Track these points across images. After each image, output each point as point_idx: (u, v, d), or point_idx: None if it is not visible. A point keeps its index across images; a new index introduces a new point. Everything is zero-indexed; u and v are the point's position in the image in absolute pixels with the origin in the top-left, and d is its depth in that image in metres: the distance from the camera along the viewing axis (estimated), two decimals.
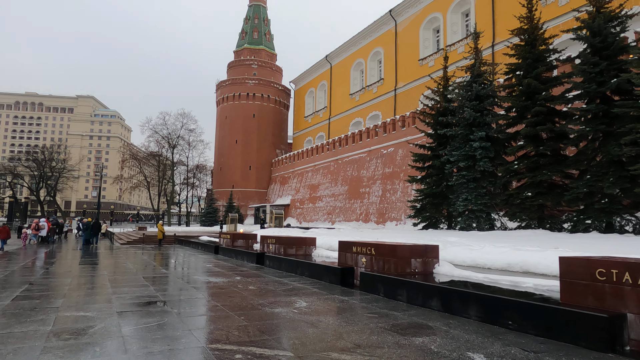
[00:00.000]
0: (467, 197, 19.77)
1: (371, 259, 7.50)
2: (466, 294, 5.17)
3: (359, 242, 8.04)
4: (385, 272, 7.02)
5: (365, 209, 38.92)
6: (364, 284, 7.20)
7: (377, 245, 7.44)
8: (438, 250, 7.39)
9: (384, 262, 7.15)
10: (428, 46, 41.46)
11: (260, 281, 8.32)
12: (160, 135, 57.86)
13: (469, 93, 20.73)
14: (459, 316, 5.18)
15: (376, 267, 7.34)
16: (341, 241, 8.52)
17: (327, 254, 10.74)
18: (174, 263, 12.86)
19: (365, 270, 7.44)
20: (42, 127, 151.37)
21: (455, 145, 21.11)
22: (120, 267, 11.12)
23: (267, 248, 12.11)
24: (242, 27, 69.21)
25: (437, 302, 5.59)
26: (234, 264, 11.86)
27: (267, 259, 11.30)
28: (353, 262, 8.03)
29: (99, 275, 9.25)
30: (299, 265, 9.46)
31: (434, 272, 7.16)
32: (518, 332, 4.37)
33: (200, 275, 9.20)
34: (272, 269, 10.65)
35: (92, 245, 21.89)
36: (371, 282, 6.99)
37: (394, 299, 6.36)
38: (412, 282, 6.08)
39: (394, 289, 6.39)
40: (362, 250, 7.75)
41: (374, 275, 6.94)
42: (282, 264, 10.34)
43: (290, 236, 11.43)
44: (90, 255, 16.15)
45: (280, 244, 11.24)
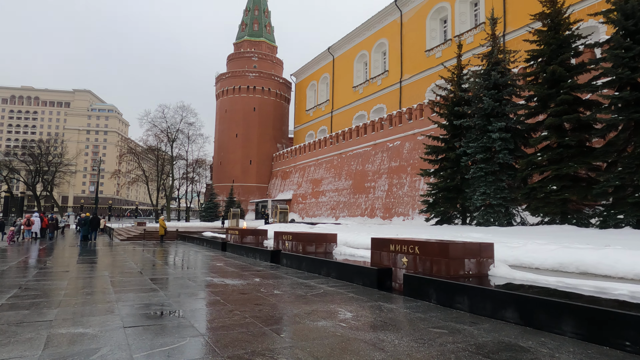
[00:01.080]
0: (485, 190, 18.79)
1: (415, 259, 6.50)
2: (557, 305, 4.17)
3: (398, 239, 7.04)
4: (434, 275, 6.03)
5: (370, 204, 37.96)
6: (408, 288, 6.20)
7: (422, 244, 6.43)
8: (493, 249, 6.39)
9: (432, 262, 6.15)
10: (435, 37, 40.33)
11: (283, 284, 7.32)
12: (159, 129, 56.67)
13: (486, 82, 19.68)
14: (546, 331, 4.19)
15: (421, 269, 6.35)
16: (375, 238, 7.52)
17: (350, 252, 9.75)
18: (180, 261, 11.84)
19: (408, 272, 6.44)
20: (38, 122, 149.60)
21: (471, 137, 20.11)
22: (123, 267, 10.10)
23: (282, 245, 11.11)
24: (241, 19, 67.90)
25: (513, 313, 4.59)
26: (246, 263, 10.85)
27: (283, 257, 10.29)
28: (390, 262, 7.03)
29: (100, 277, 8.23)
30: (323, 265, 8.45)
31: (490, 275, 6.17)
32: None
33: (213, 277, 8.19)
34: (290, 268, 9.65)
35: (90, 242, 20.85)
36: (419, 286, 5.99)
37: (450, 307, 5.37)
38: (478, 287, 5.08)
39: (451, 295, 5.40)
40: (403, 249, 6.75)
41: (422, 279, 5.94)
42: (302, 263, 9.34)
43: (309, 232, 10.43)
44: (89, 252, 15.12)
45: (298, 240, 10.23)
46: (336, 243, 10.38)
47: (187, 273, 8.89)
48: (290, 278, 8.03)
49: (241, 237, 14.25)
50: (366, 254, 9.16)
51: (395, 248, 6.93)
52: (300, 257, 9.47)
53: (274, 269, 9.52)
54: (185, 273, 8.92)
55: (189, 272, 9.00)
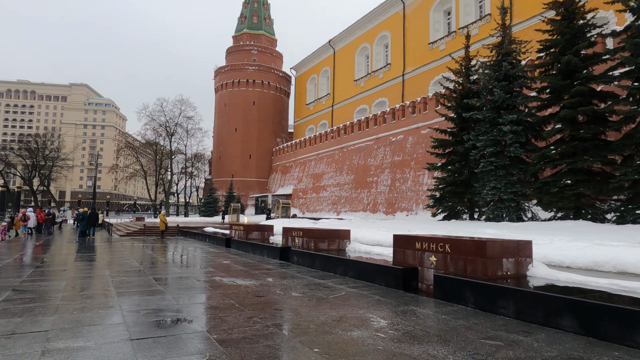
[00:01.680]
0: (495, 185, 18.26)
1: (445, 258, 5.96)
2: (631, 314, 3.63)
3: (425, 236, 6.48)
4: (468, 276, 5.49)
5: (373, 199, 37.44)
6: (440, 290, 5.66)
7: (454, 241, 5.88)
8: (532, 248, 5.84)
9: (466, 262, 5.60)
10: (439, 29, 39.64)
11: (299, 284, 6.77)
12: (158, 123, 55.97)
13: (497, 73, 19.09)
14: (616, 344, 3.65)
15: (453, 269, 5.80)
16: (399, 235, 6.97)
17: (365, 249, 9.21)
18: (184, 259, 11.28)
19: (438, 273, 5.89)
20: (34, 116, 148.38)
21: (481, 130, 19.56)
22: (124, 265, 9.53)
23: (292, 242, 10.55)
24: (241, 11, 66.96)
25: (571, 321, 4.05)
26: (254, 260, 10.29)
27: (294, 254, 9.74)
28: (416, 261, 6.48)
29: (100, 276, 7.66)
30: (340, 264, 7.90)
31: (529, 275, 5.64)
32: None
33: (222, 276, 7.63)
34: (302, 267, 9.10)
35: (88, 237, 20.26)
36: (453, 289, 5.44)
37: (492, 312, 4.83)
38: (529, 291, 4.54)
39: (493, 299, 4.86)
40: (431, 247, 6.20)
41: (458, 280, 5.39)
42: (315, 261, 8.79)
43: (320, 228, 9.88)
44: (88, 248, 14.54)
45: (309, 237, 9.68)
46: (349, 240, 9.83)
47: (193, 272, 8.33)
48: (304, 278, 7.48)
49: (246, 233, 13.69)
50: (383, 252, 8.63)
51: (422, 246, 6.38)
52: (312, 255, 8.92)
53: (285, 267, 8.98)
54: (191, 272, 8.36)
55: (194, 271, 8.44)
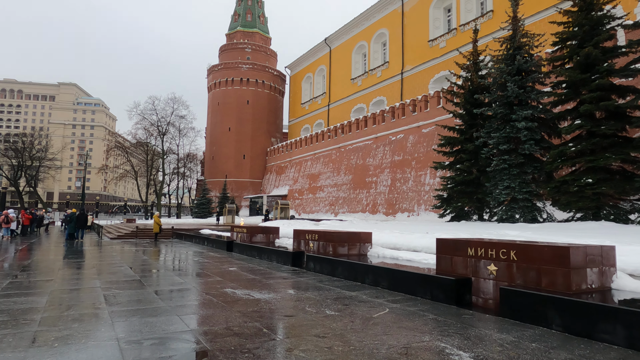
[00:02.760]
0: (509, 184, 17.38)
1: (509, 268, 4.95)
2: None
3: (481, 241, 5.47)
4: (544, 289, 4.49)
5: (372, 200, 36.50)
6: (509, 307, 4.64)
7: (522, 247, 4.87)
8: (615, 255, 4.85)
9: (540, 272, 4.60)
10: (439, 26, 38.87)
11: (328, 298, 5.72)
12: (149, 122, 54.48)
13: (509, 67, 18.23)
14: None
15: (521, 281, 4.80)
16: (445, 239, 5.95)
17: (392, 255, 8.18)
18: (185, 265, 10.13)
19: (503, 285, 4.88)
20: (21, 116, 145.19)
21: (493, 127, 18.68)
22: (117, 273, 8.38)
23: (305, 246, 9.49)
24: (234, 9, 65.78)
25: None
26: (263, 267, 9.20)
27: (310, 260, 8.67)
28: (469, 270, 5.47)
29: (90, 289, 6.52)
30: (369, 272, 6.86)
31: (614, 288, 4.65)
32: None
33: (234, 287, 6.54)
34: (321, 274, 8.04)
35: (77, 241, 18.98)
36: (527, 306, 4.43)
37: (590, 337, 3.82)
38: None
39: (592, 321, 3.85)
40: (489, 254, 5.19)
41: (535, 296, 4.37)
42: (336, 268, 7.74)
43: (339, 231, 8.83)
44: (76, 253, 13.32)
45: (327, 241, 8.62)
46: (371, 243, 8.80)
47: (199, 282, 7.22)
48: (330, 289, 6.42)
49: (250, 236, 12.58)
50: (414, 257, 7.61)
51: (476, 252, 5.37)
52: (333, 261, 7.86)
53: (301, 275, 7.91)
54: (196, 282, 7.25)
55: (200, 281, 7.33)
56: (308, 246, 9.33)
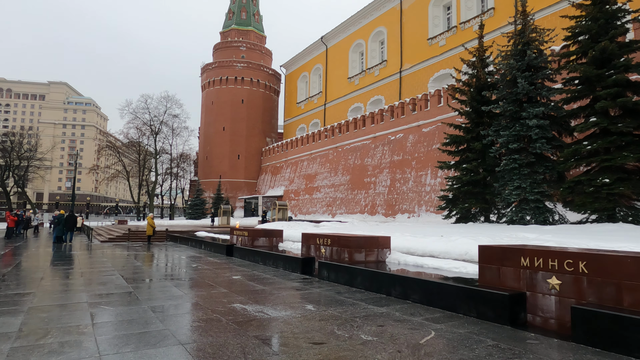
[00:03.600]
0: (520, 184, 16.66)
1: (578, 282, 4.15)
2: None
3: (536, 249, 4.67)
4: (626, 309, 3.70)
5: (371, 200, 35.74)
6: (586, 332, 3.83)
7: (594, 258, 4.08)
8: None
9: (621, 289, 3.81)
10: (438, 24, 38.25)
11: (357, 316, 4.89)
12: (142, 121, 53.28)
13: (519, 63, 17.53)
14: None
15: (594, 297, 4.01)
16: (489, 247, 5.15)
17: (414, 261, 7.38)
18: (183, 273, 9.20)
19: (573, 303, 4.08)
20: (10, 115, 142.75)
21: (502, 124, 17.98)
22: (108, 284, 7.48)
23: (315, 251, 8.65)
24: (229, 7, 64.77)
25: None
26: (270, 275, 8.34)
27: (323, 268, 7.83)
28: (523, 283, 4.67)
29: (74, 305, 5.62)
30: (396, 283, 6.03)
31: None
32: None
33: (243, 302, 5.67)
34: (337, 284, 7.21)
35: (65, 244, 17.96)
36: (611, 331, 3.63)
37: None
38: None
39: None
40: (550, 264, 4.39)
41: (632, 320, 3.57)
42: (356, 277, 6.90)
43: (356, 235, 8.00)
44: (63, 258, 12.36)
45: (341, 246, 7.79)
46: (390, 249, 7.99)
47: (202, 295, 6.34)
48: (355, 303, 5.59)
49: (252, 239, 11.70)
50: (443, 265, 6.81)
51: (532, 262, 4.57)
52: (352, 270, 7.02)
53: (315, 285, 7.07)
54: (199, 295, 6.37)
55: (203, 293, 6.45)
56: (319, 252, 8.49)
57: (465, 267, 6.45)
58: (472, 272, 6.26)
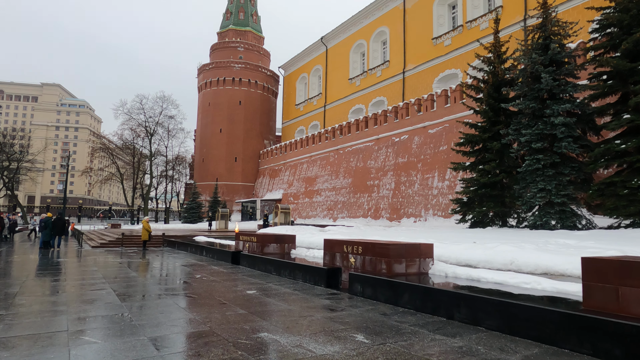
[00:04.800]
0: (544, 186, 15.53)
1: None
2: None
3: None
4: None
5: (374, 204, 34.53)
6: None
7: None
8: None
9: None
10: (443, 24, 37.28)
11: (426, 350, 3.64)
12: (137, 122, 51.81)
13: (542, 57, 16.44)
14: None
15: None
16: (594, 259, 3.93)
17: (467, 274, 6.14)
18: (187, 287, 7.84)
19: None
20: (2, 117, 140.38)
21: (522, 123, 16.88)
22: (97, 301, 6.17)
23: (342, 261, 7.39)
24: (226, 7, 63.66)
25: None
26: (291, 290, 7.06)
27: (355, 281, 6.56)
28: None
29: (50, 336, 4.31)
30: (461, 304, 4.78)
31: None
32: None
33: (275, 330, 4.38)
34: (375, 302, 5.95)
35: (52, 250, 16.56)
36: None
37: None
38: None
39: None
40: None
41: None
42: (401, 294, 5.65)
43: (395, 242, 6.74)
44: (47, 267, 11.01)
45: (375, 255, 6.54)
46: (433, 258, 6.76)
47: (215, 318, 5.04)
48: (416, 331, 4.34)
49: (261, 246, 10.41)
50: (509, 280, 5.59)
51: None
52: (398, 285, 5.75)
53: (349, 303, 5.81)
54: (212, 318, 5.07)
55: (216, 316, 5.15)
56: (346, 261, 7.24)
57: (539, 283, 5.24)
58: (550, 288, 5.05)
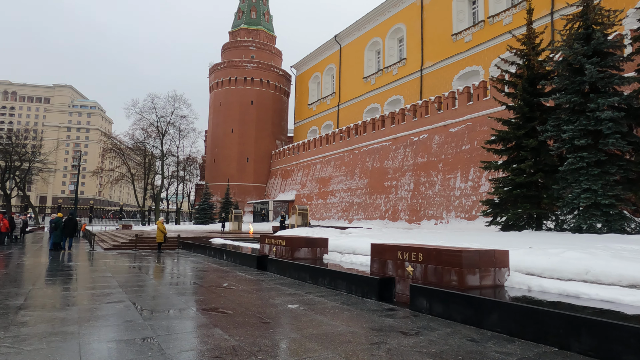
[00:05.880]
0: (589, 186, 14.32)
1: None
2: None
3: None
4: None
5: (392, 205, 33.40)
6: None
7: None
8: None
9: None
10: (463, 19, 36.10)
11: None
12: (148, 121, 51.25)
13: (585, 47, 15.25)
14: None
15: None
16: None
17: (558, 288, 5.05)
18: (220, 299, 6.82)
19: None
20: (15, 118, 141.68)
21: (563, 118, 15.68)
22: (114, 319, 5.19)
23: (395, 269, 6.34)
24: (238, 6, 62.99)
25: None
26: (337, 303, 6.02)
27: (420, 296, 5.50)
28: None
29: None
30: (581, 330, 3.71)
31: None
32: None
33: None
34: (448, 321, 4.89)
35: (63, 252, 15.74)
36: None
37: None
38: None
39: None
40: None
41: None
42: (487, 315, 4.57)
43: (462, 249, 5.71)
44: (56, 273, 10.12)
45: (442, 264, 5.48)
46: (508, 268, 5.68)
47: (264, 345, 4.00)
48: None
49: (291, 250, 9.40)
50: (621, 297, 4.48)
51: None
52: (483, 303, 4.69)
53: (422, 325, 4.77)
54: (261, 346, 4.01)
55: (264, 341, 4.11)
56: (401, 270, 6.18)
57: None
58: None
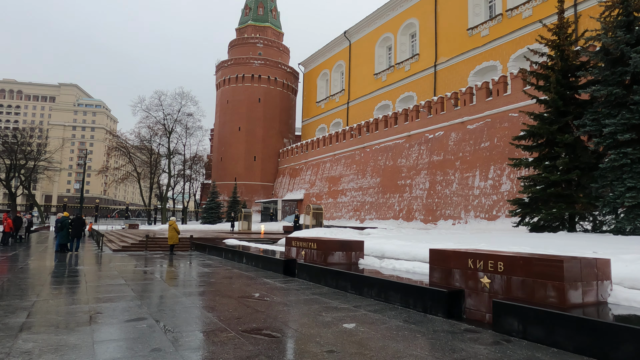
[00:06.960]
0: (635, 184, 13.27)
1: None
2: None
3: None
4: None
5: (406, 205, 32.35)
6: None
7: None
8: None
9: None
10: (479, 13, 34.98)
11: None
12: (155, 119, 50.43)
13: (627, 35, 14.19)
14: None
15: None
16: None
17: None
18: (257, 315, 5.80)
19: None
20: (21, 117, 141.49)
21: (603, 112, 14.63)
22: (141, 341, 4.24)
23: (465, 280, 5.35)
24: (245, 2, 62.05)
25: None
26: (400, 321, 5.04)
27: (509, 316, 4.51)
28: None
29: None
30: None
31: None
32: None
33: None
34: (559, 351, 3.91)
35: (70, 254, 14.85)
36: None
37: None
38: None
39: None
40: None
41: None
42: (619, 344, 3.59)
43: (559, 258, 4.72)
44: (63, 279, 9.19)
45: (531, 276, 4.47)
46: (611, 281, 4.68)
47: None
48: None
49: (323, 254, 8.44)
50: None
51: None
52: (606, 329, 3.71)
53: (524, 356, 3.80)
54: None
55: None
56: (473, 281, 5.18)
57: None
58: None
